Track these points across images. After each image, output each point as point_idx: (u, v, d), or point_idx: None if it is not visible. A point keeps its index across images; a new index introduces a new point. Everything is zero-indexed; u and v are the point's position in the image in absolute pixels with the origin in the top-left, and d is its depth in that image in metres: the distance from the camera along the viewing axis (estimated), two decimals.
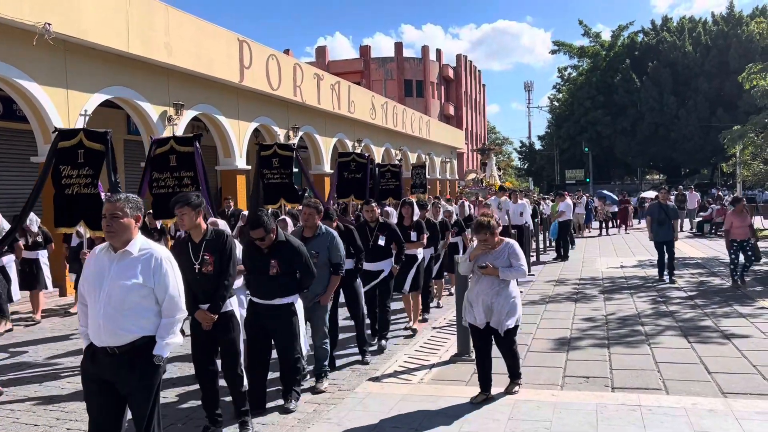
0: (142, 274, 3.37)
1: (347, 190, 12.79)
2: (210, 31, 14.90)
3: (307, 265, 5.16)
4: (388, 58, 49.05)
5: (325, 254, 5.75)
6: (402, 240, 7.31)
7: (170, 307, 3.45)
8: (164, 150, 7.91)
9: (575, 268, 13.89)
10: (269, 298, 5.05)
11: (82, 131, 7.08)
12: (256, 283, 5.12)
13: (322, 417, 4.99)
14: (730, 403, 5.03)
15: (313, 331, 5.76)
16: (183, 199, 4.64)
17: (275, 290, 5.04)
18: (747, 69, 17.85)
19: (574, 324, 8.17)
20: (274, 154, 10.57)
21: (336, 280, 5.84)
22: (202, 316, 4.57)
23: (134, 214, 3.45)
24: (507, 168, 54.35)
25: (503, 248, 5.28)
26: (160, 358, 3.41)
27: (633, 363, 6.26)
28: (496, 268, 5.18)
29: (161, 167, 7.91)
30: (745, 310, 8.65)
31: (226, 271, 4.61)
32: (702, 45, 46.38)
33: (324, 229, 5.86)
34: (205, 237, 4.66)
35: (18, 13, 9.99)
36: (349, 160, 13.03)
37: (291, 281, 5.12)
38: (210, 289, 4.59)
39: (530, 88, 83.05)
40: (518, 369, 5.50)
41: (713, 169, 50.52)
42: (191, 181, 7.82)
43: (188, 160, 7.86)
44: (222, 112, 16.06)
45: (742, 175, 20.46)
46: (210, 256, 4.60)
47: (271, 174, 10.51)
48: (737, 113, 39.70)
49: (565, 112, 56.48)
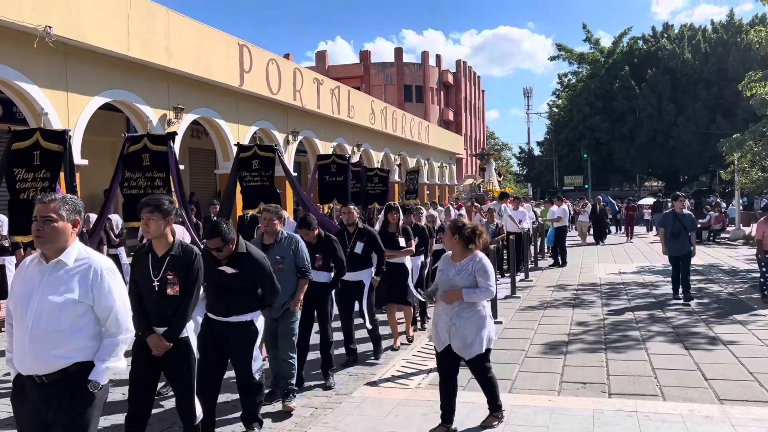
0: (78, 288, 2.88)
1: (329, 194, 12.09)
2: (210, 35, 14.94)
3: (269, 279, 4.65)
4: (387, 63, 49.17)
5: (290, 259, 5.40)
6: (382, 248, 6.76)
7: (113, 326, 2.98)
8: (138, 148, 7.37)
9: (574, 274, 13.90)
10: (226, 315, 4.57)
11: (39, 131, 6.57)
12: (213, 297, 4.64)
13: (319, 421, 4.99)
14: (726, 409, 5.03)
15: (281, 342, 5.36)
16: (153, 202, 4.05)
17: (233, 306, 4.56)
18: (747, 77, 17.89)
19: (572, 329, 8.17)
20: (254, 156, 9.98)
21: (304, 283, 5.46)
22: (155, 341, 3.95)
23: (71, 217, 2.95)
24: (506, 174, 54.33)
25: (468, 263, 4.61)
26: (96, 385, 2.90)
27: (630, 369, 6.26)
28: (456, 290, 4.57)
29: (133, 166, 7.37)
30: (742, 318, 8.66)
31: (189, 294, 4.01)
32: (701, 52, 46.50)
33: (285, 233, 5.50)
34: (170, 251, 4.03)
35: (18, 15, 10.02)
36: (329, 163, 12.26)
37: (251, 297, 4.61)
38: (168, 312, 4.00)
39: (529, 94, 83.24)
40: (497, 400, 4.78)
41: (712, 176, 50.58)
42: (162, 182, 7.34)
43: (161, 160, 7.34)
44: (222, 115, 16.08)
45: (741, 183, 20.47)
46: (174, 275, 3.99)
47: (251, 176, 9.96)
48: (736, 120, 39.77)
49: (564, 119, 56.59)
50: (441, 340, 4.66)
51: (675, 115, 45.70)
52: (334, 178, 12.07)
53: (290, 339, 5.34)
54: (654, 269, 14.53)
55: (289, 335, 5.34)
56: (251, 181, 9.98)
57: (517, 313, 9.36)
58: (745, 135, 18.10)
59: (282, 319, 5.35)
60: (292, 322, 5.38)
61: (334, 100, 21.91)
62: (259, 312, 4.71)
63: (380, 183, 14.27)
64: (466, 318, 4.58)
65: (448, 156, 40.54)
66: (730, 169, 21.08)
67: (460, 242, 4.59)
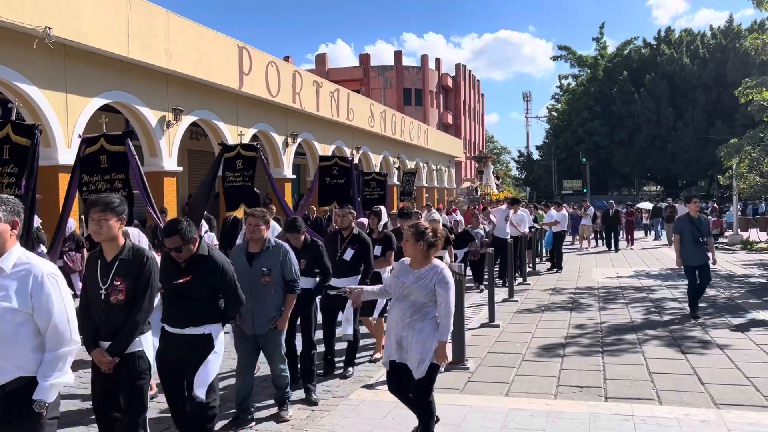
0: (16, 296, 2.65)
1: (329, 196, 11.76)
2: (210, 37, 14.97)
3: (232, 288, 4.16)
4: (387, 67, 49.27)
5: (277, 271, 4.92)
6: (371, 260, 6.42)
7: (55, 337, 2.72)
8: (94, 150, 7.03)
9: (571, 278, 13.91)
10: (181, 326, 4.10)
11: (10, 124, 6.37)
12: (169, 305, 4.20)
13: (316, 423, 4.99)
14: (722, 414, 5.04)
15: (269, 358, 5.04)
16: (104, 200, 3.61)
17: (189, 316, 4.08)
18: (743, 83, 17.96)
19: (569, 333, 8.18)
20: (237, 156, 9.64)
21: (292, 299, 5.04)
22: (98, 357, 3.56)
23: (9, 218, 2.72)
24: (505, 177, 54.41)
25: (429, 272, 4.16)
26: (42, 404, 2.67)
27: (626, 373, 6.27)
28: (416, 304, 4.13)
29: (91, 169, 7.02)
30: (739, 322, 8.68)
31: (139, 303, 3.59)
32: (700, 58, 46.67)
33: (273, 241, 5.04)
34: (119, 255, 3.62)
35: (19, 16, 10.03)
36: (331, 164, 11.94)
37: (210, 307, 4.14)
38: (116, 323, 3.58)
39: (529, 99, 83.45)
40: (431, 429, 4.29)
41: (710, 181, 50.68)
42: (123, 184, 6.98)
43: (120, 161, 6.98)
44: (221, 118, 16.09)
45: (739, 188, 20.52)
46: (121, 281, 3.58)
47: (234, 177, 9.65)
48: (734, 125, 39.90)
49: (563, 123, 56.71)
50: (385, 354, 4.30)
51: (673, 120, 45.85)
52: (335, 181, 11.81)
53: (278, 353, 5.02)
54: (651, 273, 14.55)
55: (276, 350, 5.01)
56: (234, 182, 9.70)
57: (514, 317, 9.37)
58: (743, 140, 18.17)
59: (266, 337, 4.93)
60: (277, 337, 5.01)
61: (333, 103, 21.94)
62: (220, 327, 4.19)
63: (378, 187, 14.02)
64: (417, 331, 4.11)
65: (447, 159, 40.59)
66: (729, 174, 21.14)
67: (423, 248, 4.20)
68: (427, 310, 4.13)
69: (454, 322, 6.53)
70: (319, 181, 11.87)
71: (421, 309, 4.13)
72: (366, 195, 13.52)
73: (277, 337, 4.99)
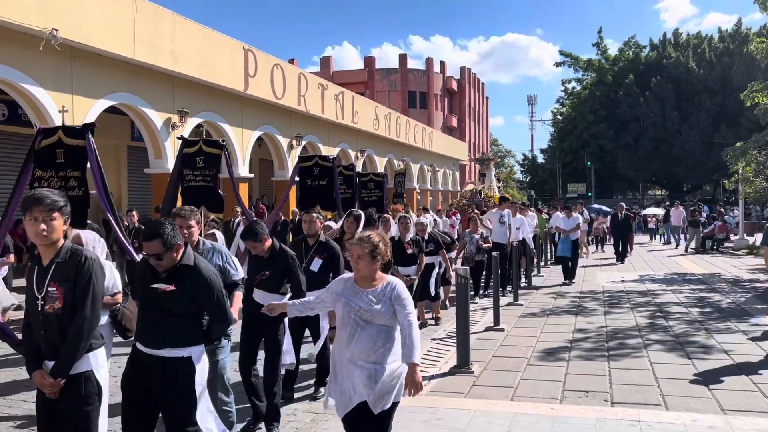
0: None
1: (312, 199, 10.60)
2: (215, 40, 15.00)
3: (220, 305, 3.59)
4: (392, 70, 49.33)
5: None
6: (342, 270, 5.61)
7: None
8: (51, 142, 6.41)
9: (576, 282, 13.86)
10: (157, 347, 3.46)
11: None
12: (143, 322, 3.58)
13: (320, 427, 4.98)
14: (730, 420, 5.00)
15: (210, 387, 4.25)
16: (49, 196, 3.12)
17: (167, 335, 3.46)
18: (749, 87, 17.91)
19: (574, 337, 8.15)
20: (198, 152, 8.61)
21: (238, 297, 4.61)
22: (39, 379, 3.08)
23: None
24: (508, 180, 54.35)
25: (384, 289, 3.54)
26: None
27: (633, 378, 6.24)
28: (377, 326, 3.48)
29: (46, 163, 6.39)
30: (745, 327, 8.63)
31: (80, 311, 3.09)
32: (706, 61, 46.56)
33: (208, 244, 4.60)
34: (56, 259, 3.14)
35: (25, 18, 10.07)
36: (311, 165, 10.83)
37: (193, 325, 3.56)
38: (56, 338, 3.10)
39: (533, 102, 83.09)
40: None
41: (716, 185, 50.53)
42: (78, 183, 6.40)
43: (78, 156, 6.39)
44: (226, 120, 16.12)
45: (744, 192, 20.45)
46: (57, 287, 3.08)
47: (193, 175, 8.63)
48: (740, 129, 39.75)
49: (567, 126, 56.64)
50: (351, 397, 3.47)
51: (679, 124, 45.73)
52: (317, 182, 10.72)
53: (222, 381, 4.37)
54: (656, 278, 14.50)
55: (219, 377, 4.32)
56: (193, 181, 8.69)
57: (519, 321, 9.34)
58: (749, 144, 18.10)
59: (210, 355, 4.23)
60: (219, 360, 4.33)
61: (338, 106, 21.96)
62: (202, 348, 3.62)
63: (376, 189, 13.37)
64: (390, 362, 3.49)
65: (452, 162, 40.58)
66: (734, 179, 21.07)
67: (380, 265, 3.58)
68: (393, 334, 3.52)
69: (461, 325, 6.57)
70: (300, 184, 10.82)
71: (389, 333, 3.50)
72: (363, 197, 12.94)
73: (220, 361, 4.29)
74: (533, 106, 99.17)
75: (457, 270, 6.90)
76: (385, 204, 13.36)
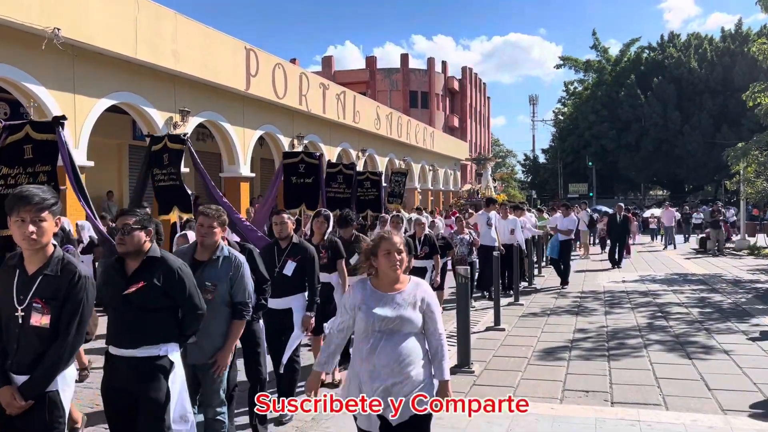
0: None
1: (297, 198, 10.04)
2: (217, 39, 15.01)
3: (191, 296, 3.46)
4: (393, 69, 49.33)
5: (225, 287, 4.06)
6: (317, 275, 5.32)
7: None
8: (17, 138, 6.27)
9: (577, 282, 13.87)
10: (132, 345, 3.34)
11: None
12: (114, 323, 3.43)
13: (321, 426, 4.99)
14: (730, 420, 5.01)
15: (205, 397, 4.09)
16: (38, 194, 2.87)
17: (142, 332, 3.34)
18: (751, 87, 17.91)
19: (575, 337, 8.16)
20: (164, 149, 8.02)
21: (238, 327, 4.12)
22: (6, 398, 2.84)
23: None
24: (510, 180, 54.31)
25: (413, 291, 3.22)
26: None
27: (633, 378, 6.25)
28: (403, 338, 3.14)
29: (12, 160, 6.22)
30: (746, 327, 8.63)
31: (65, 334, 2.88)
32: (707, 61, 46.51)
33: (227, 251, 4.17)
34: (44, 269, 2.90)
35: (27, 17, 10.09)
36: (297, 161, 10.13)
37: (168, 320, 3.42)
38: (32, 355, 2.88)
39: (535, 102, 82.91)
40: None
41: (717, 185, 50.49)
42: (48, 177, 6.28)
43: (48, 151, 6.27)
44: (227, 119, 16.14)
45: (746, 193, 20.45)
46: (43, 303, 2.86)
47: (162, 175, 8.14)
48: (741, 130, 39.70)
49: (569, 126, 56.61)
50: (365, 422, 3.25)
51: (680, 124, 45.67)
52: (302, 180, 10.11)
53: (218, 393, 4.06)
54: (657, 278, 14.50)
55: (216, 388, 4.05)
56: (162, 181, 8.20)
57: (519, 320, 9.35)
58: (751, 145, 18.10)
59: (205, 370, 4.03)
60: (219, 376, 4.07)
61: (339, 105, 21.97)
62: (177, 347, 3.47)
63: (372, 188, 12.66)
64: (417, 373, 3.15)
65: (453, 162, 40.58)
66: (736, 179, 21.06)
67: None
68: (423, 341, 3.21)
69: (461, 325, 6.58)
70: (285, 181, 10.20)
71: (415, 344, 3.16)
72: (359, 196, 12.28)
73: (220, 373, 4.08)
74: (535, 106, 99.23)
75: (457, 269, 6.90)
76: (383, 203, 12.85)
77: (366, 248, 3.35)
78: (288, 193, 10.14)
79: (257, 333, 4.71)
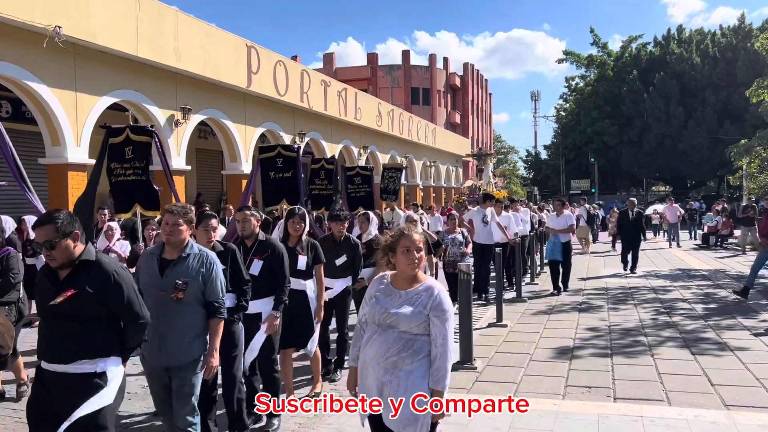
0: None
1: (276, 194, 9.45)
2: (218, 37, 15.01)
3: (130, 305, 3.16)
4: (395, 66, 49.29)
5: (196, 286, 3.85)
6: (286, 272, 4.99)
7: None
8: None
9: (580, 278, 13.85)
10: (64, 361, 3.03)
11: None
12: (46, 336, 3.12)
13: (324, 422, 4.99)
14: (732, 415, 5.00)
15: (176, 404, 3.82)
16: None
17: (75, 345, 3.03)
18: (755, 83, 17.87)
19: (578, 334, 8.15)
20: (126, 141, 7.39)
21: (216, 326, 3.92)
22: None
23: None
24: (512, 177, 54.26)
25: (422, 293, 3.13)
26: None
27: (636, 374, 6.24)
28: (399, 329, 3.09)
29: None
30: (749, 323, 8.62)
31: None
32: (710, 57, 46.37)
33: (197, 248, 3.98)
34: None
35: (29, 16, 10.09)
36: (274, 155, 9.46)
37: (105, 331, 3.11)
38: None
39: (537, 98, 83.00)
40: None
41: (720, 181, 50.38)
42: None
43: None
44: (229, 116, 16.14)
45: (749, 188, 20.42)
46: None
47: (123, 169, 7.44)
48: (744, 126, 39.61)
49: (571, 122, 56.51)
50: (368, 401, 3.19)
51: (683, 120, 45.56)
52: (281, 175, 9.47)
53: (189, 399, 3.83)
54: (660, 274, 14.48)
55: (188, 393, 3.82)
56: (123, 176, 7.51)
57: (522, 317, 9.34)
58: (754, 140, 18.09)
59: (179, 373, 3.80)
60: (193, 377, 3.82)
61: (341, 102, 21.96)
62: (118, 361, 3.18)
63: (363, 184, 12.14)
64: (406, 373, 3.04)
65: (455, 158, 40.55)
66: (739, 175, 21.03)
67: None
68: (420, 345, 3.08)
69: (463, 321, 6.57)
70: (262, 177, 9.60)
71: (412, 343, 3.07)
72: (350, 193, 11.97)
73: (193, 378, 3.83)
74: (537, 102, 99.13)
75: (460, 266, 6.90)
76: (375, 200, 12.33)
77: (385, 244, 3.24)
78: (267, 189, 9.53)
79: (236, 334, 4.52)
